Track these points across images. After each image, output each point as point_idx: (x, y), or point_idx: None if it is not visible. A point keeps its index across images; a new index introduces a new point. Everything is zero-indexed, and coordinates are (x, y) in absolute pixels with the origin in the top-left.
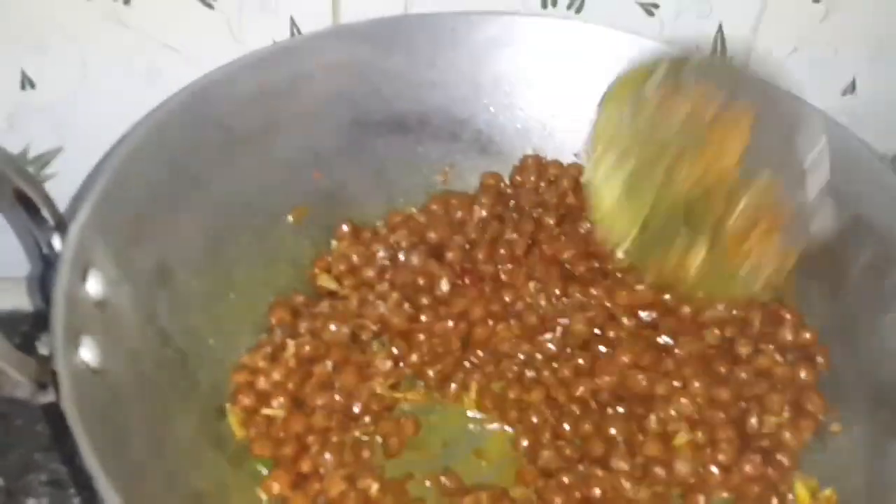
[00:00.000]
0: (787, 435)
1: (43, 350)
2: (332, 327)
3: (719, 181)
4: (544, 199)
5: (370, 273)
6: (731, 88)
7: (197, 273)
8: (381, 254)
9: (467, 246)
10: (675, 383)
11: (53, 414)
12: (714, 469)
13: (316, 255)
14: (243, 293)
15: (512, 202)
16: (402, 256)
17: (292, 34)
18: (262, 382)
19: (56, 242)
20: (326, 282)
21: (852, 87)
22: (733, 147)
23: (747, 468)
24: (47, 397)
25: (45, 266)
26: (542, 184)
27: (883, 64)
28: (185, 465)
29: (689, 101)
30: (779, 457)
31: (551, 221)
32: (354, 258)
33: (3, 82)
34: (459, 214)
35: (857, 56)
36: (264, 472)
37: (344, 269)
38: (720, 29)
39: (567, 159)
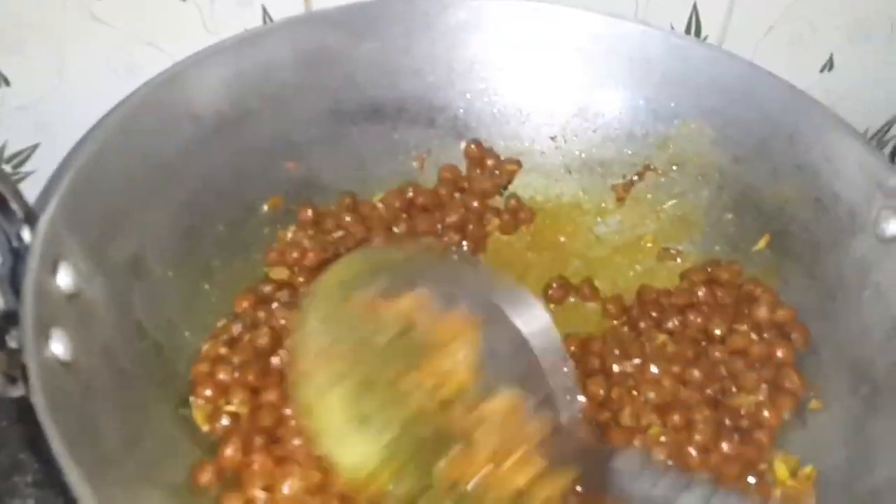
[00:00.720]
0: (765, 413)
1: (12, 344)
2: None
3: (452, 401)
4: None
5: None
6: (456, 293)
7: (172, 265)
8: (336, 234)
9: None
10: (654, 369)
11: (31, 415)
12: (692, 451)
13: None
14: (219, 284)
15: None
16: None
17: (265, 24)
18: (221, 374)
19: (26, 235)
20: (277, 274)
21: (830, 65)
22: (461, 359)
23: (725, 447)
24: (17, 391)
25: (15, 259)
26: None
27: (860, 41)
28: (160, 458)
29: (401, 307)
30: (757, 435)
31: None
32: (306, 243)
33: None
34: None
35: (834, 34)
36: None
37: (297, 257)
38: (695, 8)
39: (544, 143)
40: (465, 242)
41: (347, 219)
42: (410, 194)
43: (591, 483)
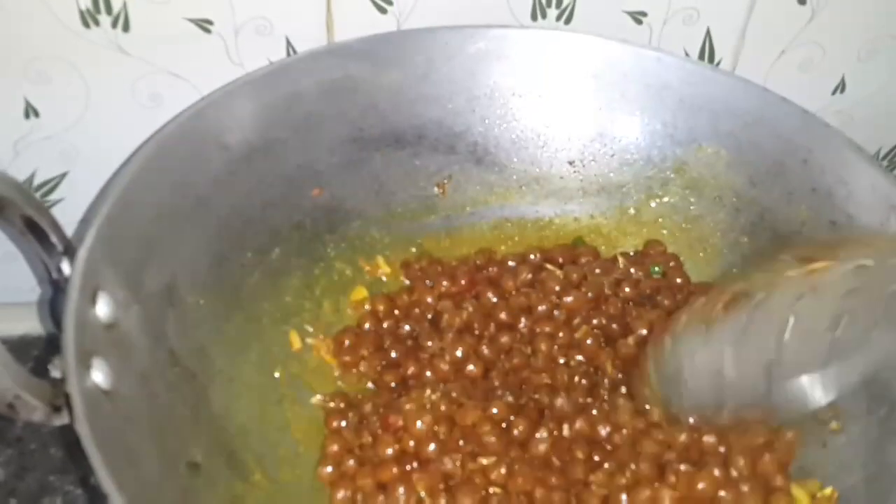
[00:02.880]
0: None
1: (55, 373)
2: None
3: None
4: None
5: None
6: None
7: (203, 292)
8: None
9: None
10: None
11: (67, 436)
12: None
13: (314, 270)
14: (249, 311)
15: None
16: None
17: (288, 54)
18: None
19: (65, 267)
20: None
21: (842, 87)
22: None
23: None
24: (61, 420)
25: (56, 291)
26: None
27: (872, 63)
28: (197, 483)
29: None
30: None
31: None
32: None
33: (7, 112)
34: None
35: (845, 56)
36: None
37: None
38: (708, 33)
39: (562, 168)
40: None
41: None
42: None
43: None
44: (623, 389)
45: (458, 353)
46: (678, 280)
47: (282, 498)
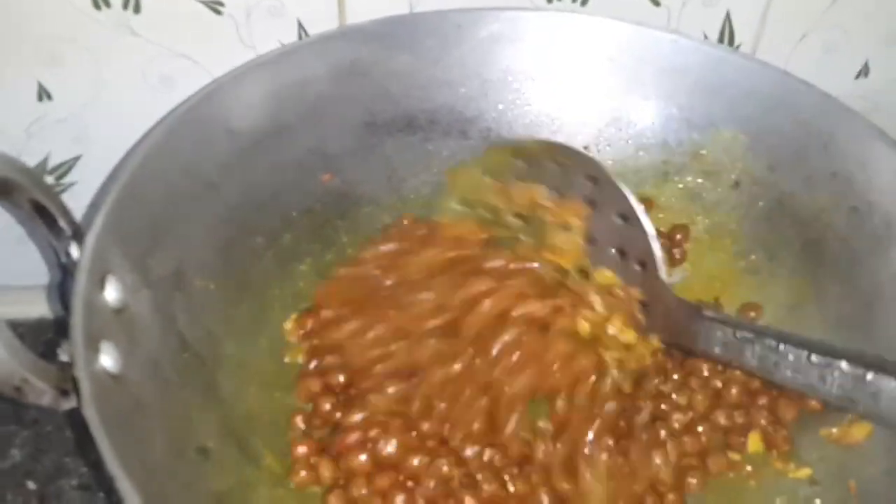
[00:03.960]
0: None
1: (64, 357)
2: None
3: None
4: None
5: None
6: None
7: (213, 277)
8: None
9: None
10: None
11: (82, 419)
12: None
13: (325, 255)
14: (259, 296)
15: None
16: None
17: (300, 37)
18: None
19: (74, 251)
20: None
21: (865, 72)
22: (574, 239)
23: None
24: (69, 403)
25: (64, 274)
26: None
27: None
28: (206, 467)
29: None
30: None
31: None
32: None
33: (20, 95)
34: None
35: (868, 40)
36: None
37: None
38: (728, 16)
39: None
40: None
41: None
42: None
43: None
44: None
45: None
46: None
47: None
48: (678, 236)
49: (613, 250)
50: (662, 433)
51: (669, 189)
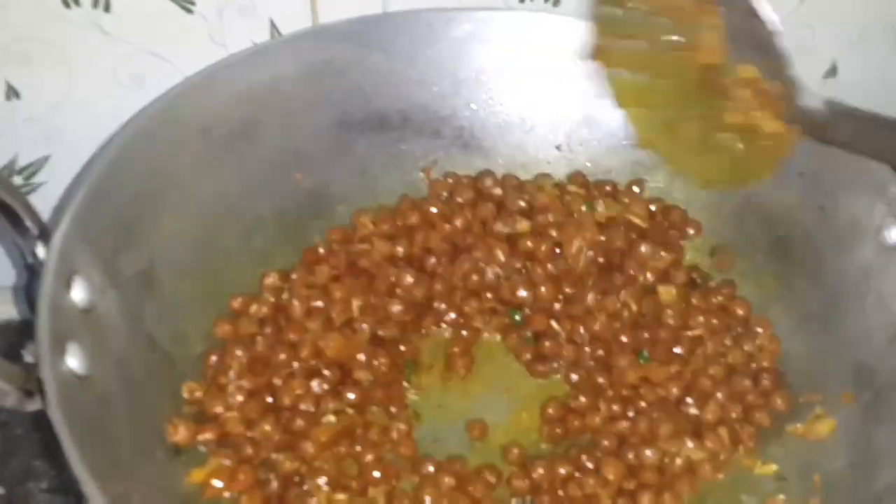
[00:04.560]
0: None
1: (29, 358)
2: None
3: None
4: None
5: None
6: None
7: (183, 277)
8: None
9: None
10: None
11: (46, 422)
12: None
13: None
14: (229, 296)
15: None
16: None
17: (272, 36)
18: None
19: (40, 251)
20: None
21: (833, 71)
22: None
23: None
24: (34, 405)
25: (31, 275)
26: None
27: (863, 46)
28: (175, 468)
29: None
30: None
31: None
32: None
33: None
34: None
35: (837, 39)
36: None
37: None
38: None
39: (549, 153)
40: None
41: None
42: None
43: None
44: None
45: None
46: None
47: None
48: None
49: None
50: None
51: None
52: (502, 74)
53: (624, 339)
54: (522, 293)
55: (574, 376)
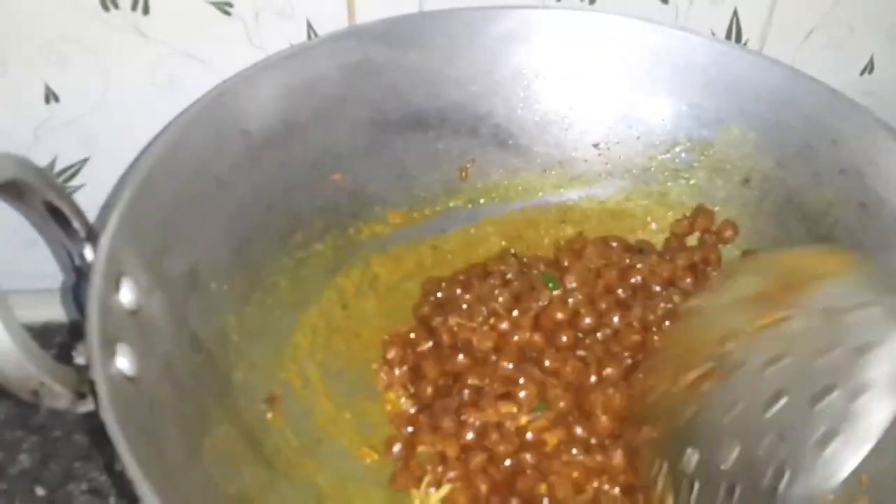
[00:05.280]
0: None
1: (79, 360)
2: None
3: None
4: None
5: None
6: None
7: (224, 277)
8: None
9: None
10: None
11: (91, 423)
12: None
13: (338, 256)
14: (272, 296)
15: None
16: None
17: (309, 37)
18: None
19: (88, 253)
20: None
21: (871, 68)
22: None
23: None
24: (86, 406)
25: (79, 277)
26: None
27: None
28: (222, 468)
29: None
30: None
31: None
32: None
33: (27, 97)
34: None
35: (874, 36)
36: (303, 465)
37: None
38: (735, 13)
39: (586, 151)
40: None
41: None
42: None
43: None
44: None
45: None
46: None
47: (304, 484)
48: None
49: None
50: None
51: (679, 186)
52: (539, 73)
53: None
54: None
55: None
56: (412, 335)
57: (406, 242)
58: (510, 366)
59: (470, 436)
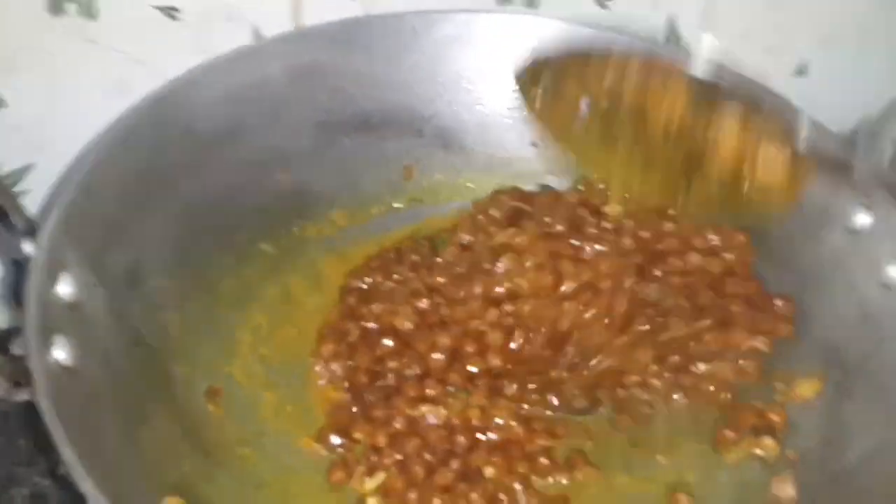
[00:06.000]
0: None
1: (17, 350)
2: None
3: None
4: None
5: None
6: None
7: (168, 274)
8: None
9: None
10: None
11: (35, 428)
12: None
13: (282, 254)
14: (215, 293)
15: None
16: None
17: (256, 41)
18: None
19: (27, 247)
20: None
21: (805, 70)
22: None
23: None
24: (22, 395)
25: (17, 270)
26: None
27: (834, 45)
28: (161, 458)
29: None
30: None
31: None
32: None
33: None
34: None
35: (808, 39)
36: (244, 455)
37: None
38: (671, 18)
39: (527, 152)
40: None
41: None
42: None
43: None
44: None
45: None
46: None
47: (243, 474)
48: None
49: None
50: None
51: None
52: (482, 75)
53: None
54: None
55: None
56: (343, 325)
57: (351, 241)
58: (440, 356)
59: (399, 424)
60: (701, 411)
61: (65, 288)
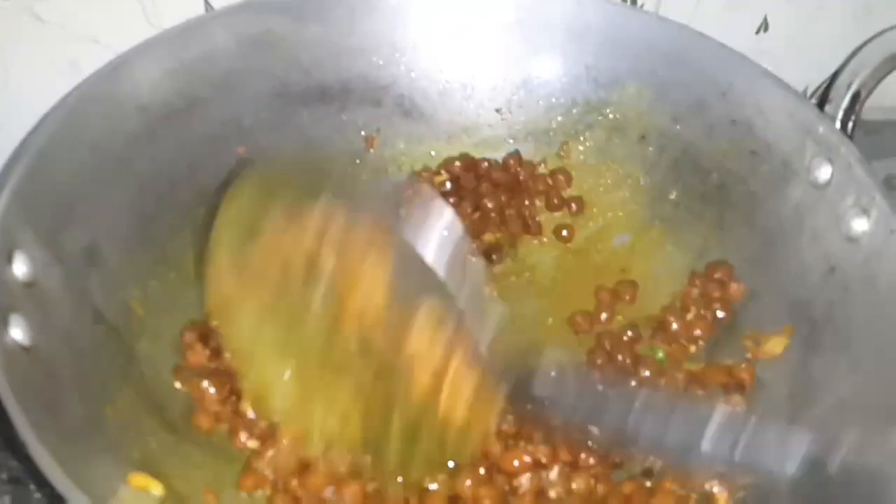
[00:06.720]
0: None
1: None
2: None
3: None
4: None
5: None
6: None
7: (126, 252)
8: None
9: None
10: None
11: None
12: None
13: None
14: (176, 269)
15: None
16: None
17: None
18: None
19: None
20: None
21: (765, 27)
22: (375, 278)
23: None
24: None
25: None
26: None
27: (795, 1)
28: (126, 434)
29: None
30: None
31: None
32: None
33: None
34: None
35: None
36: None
37: None
38: None
39: (490, 116)
40: None
41: None
42: None
43: (518, 396)
44: None
45: None
46: None
47: (209, 445)
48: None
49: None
50: None
51: (580, 147)
52: (440, 41)
53: None
54: None
55: None
56: None
57: None
58: None
59: None
60: None
61: (20, 267)
